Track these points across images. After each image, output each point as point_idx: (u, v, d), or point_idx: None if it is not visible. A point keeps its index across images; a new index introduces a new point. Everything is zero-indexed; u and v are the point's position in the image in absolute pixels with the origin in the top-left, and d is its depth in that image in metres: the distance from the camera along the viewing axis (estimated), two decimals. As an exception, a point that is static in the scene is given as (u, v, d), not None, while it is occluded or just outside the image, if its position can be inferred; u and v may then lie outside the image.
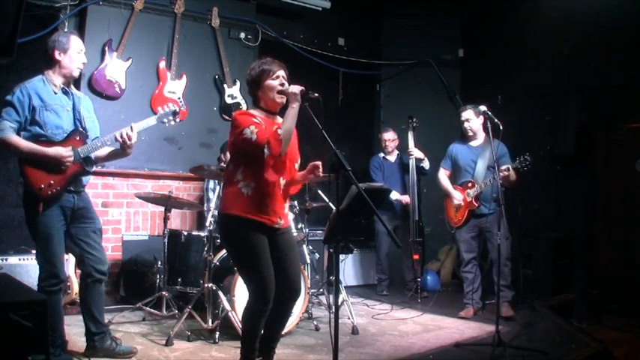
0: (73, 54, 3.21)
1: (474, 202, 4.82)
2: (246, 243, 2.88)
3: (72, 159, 3.14)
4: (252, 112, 2.99)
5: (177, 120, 3.48)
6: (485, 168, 4.77)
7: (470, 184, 4.86)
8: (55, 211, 3.12)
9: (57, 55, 3.17)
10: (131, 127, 3.24)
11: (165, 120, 3.42)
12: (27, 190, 3.09)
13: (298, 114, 2.85)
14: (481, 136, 4.91)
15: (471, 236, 4.91)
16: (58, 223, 3.14)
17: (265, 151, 2.77)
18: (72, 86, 3.35)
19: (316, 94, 2.82)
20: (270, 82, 2.94)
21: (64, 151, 3.11)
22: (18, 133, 3.06)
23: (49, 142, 3.11)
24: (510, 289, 4.83)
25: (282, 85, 2.95)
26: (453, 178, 5.09)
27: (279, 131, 2.78)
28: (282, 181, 2.98)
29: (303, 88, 2.85)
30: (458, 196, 4.91)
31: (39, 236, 3.11)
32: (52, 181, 3.09)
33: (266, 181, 2.88)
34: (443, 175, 5.11)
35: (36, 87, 3.13)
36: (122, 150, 3.29)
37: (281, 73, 2.97)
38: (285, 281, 2.97)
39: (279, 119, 3.02)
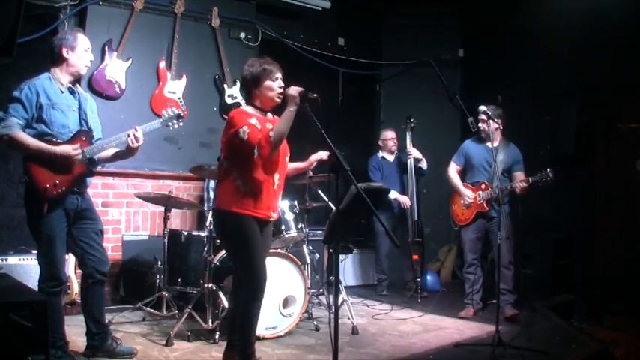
0: (81, 52, 3.21)
1: (485, 206, 4.76)
2: (241, 237, 2.99)
3: (80, 157, 3.12)
4: (248, 110, 3.04)
5: (181, 124, 3.49)
6: (500, 172, 4.64)
7: (483, 187, 4.78)
8: (58, 213, 3.11)
9: (64, 52, 3.16)
10: (136, 129, 3.24)
11: (170, 124, 3.43)
12: (31, 189, 3.06)
13: (296, 115, 2.87)
14: (497, 139, 4.79)
15: (477, 237, 4.89)
16: (61, 225, 3.13)
17: (255, 152, 2.87)
18: (78, 86, 3.35)
19: (315, 95, 2.83)
20: (270, 82, 3.01)
21: (72, 149, 3.09)
22: (23, 130, 3.04)
23: (55, 141, 3.10)
24: (513, 293, 4.79)
25: (280, 87, 3.01)
26: (464, 176, 5.02)
27: (271, 134, 2.84)
28: (276, 177, 3.08)
29: (302, 89, 2.87)
30: (469, 195, 4.83)
31: (42, 238, 3.10)
32: (57, 181, 3.07)
33: (260, 178, 2.98)
34: (453, 171, 5.02)
35: (43, 84, 3.11)
36: (127, 151, 3.31)
37: (279, 75, 3.04)
38: None
39: (270, 116, 3.10)
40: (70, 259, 4.10)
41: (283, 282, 4.04)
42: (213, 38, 5.61)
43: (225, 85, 5.62)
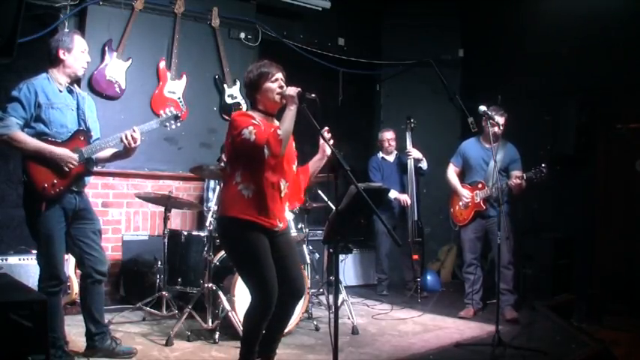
0: (77, 53, 3.22)
1: (482, 205, 4.78)
2: (246, 245, 2.88)
3: (77, 162, 3.13)
4: (251, 113, 2.99)
5: (179, 124, 3.49)
6: (497, 171, 4.67)
7: (480, 186, 4.81)
8: (56, 212, 3.12)
9: (61, 54, 3.17)
10: (134, 130, 3.25)
11: (168, 124, 3.43)
12: (29, 189, 3.07)
13: (297, 115, 2.86)
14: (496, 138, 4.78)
15: (476, 237, 4.89)
16: (59, 224, 3.14)
17: (265, 151, 2.76)
18: (76, 86, 3.35)
19: (313, 95, 2.82)
20: (268, 84, 2.94)
21: (71, 153, 3.11)
22: (22, 130, 3.05)
23: (53, 140, 3.10)
24: (513, 293, 4.80)
25: (280, 87, 2.94)
26: (462, 176, 5.03)
27: (279, 131, 2.79)
28: (283, 184, 2.97)
29: (299, 89, 2.85)
30: (467, 195, 4.85)
31: (40, 237, 3.11)
32: (55, 181, 3.08)
33: (266, 182, 2.88)
34: (452, 172, 5.04)
35: (42, 84, 3.13)
36: (125, 152, 3.30)
37: (279, 75, 2.97)
38: (287, 282, 2.96)
39: (276, 122, 3.03)
40: (70, 259, 4.10)
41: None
42: (213, 38, 5.61)
43: (225, 85, 5.62)
